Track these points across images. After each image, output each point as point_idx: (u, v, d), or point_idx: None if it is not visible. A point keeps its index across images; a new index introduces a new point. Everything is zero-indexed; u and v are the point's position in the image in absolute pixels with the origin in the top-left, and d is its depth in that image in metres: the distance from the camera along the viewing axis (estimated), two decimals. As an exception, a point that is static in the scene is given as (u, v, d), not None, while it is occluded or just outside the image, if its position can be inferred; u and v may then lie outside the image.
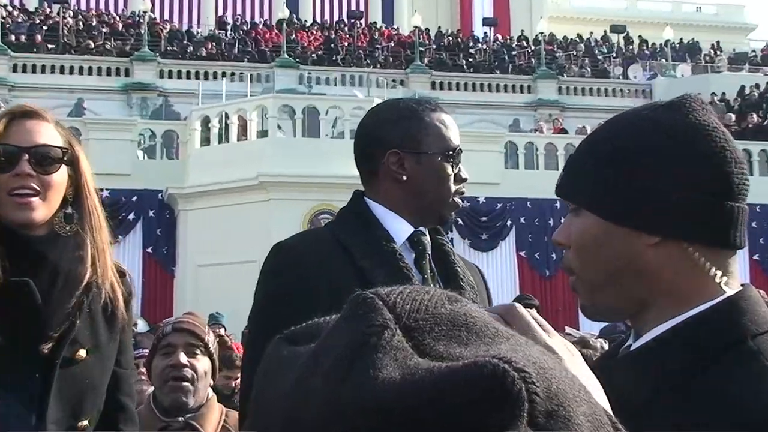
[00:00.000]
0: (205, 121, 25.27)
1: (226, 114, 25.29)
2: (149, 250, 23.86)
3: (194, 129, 25.15)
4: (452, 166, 2.93)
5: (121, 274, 2.96)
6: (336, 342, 0.82)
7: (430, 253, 2.96)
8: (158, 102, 34.80)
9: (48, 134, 2.85)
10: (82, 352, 2.79)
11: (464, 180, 2.98)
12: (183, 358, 3.94)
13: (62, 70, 35.22)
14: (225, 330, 16.35)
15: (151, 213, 24.14)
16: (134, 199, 23.79)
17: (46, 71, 35.13)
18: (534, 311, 1.12)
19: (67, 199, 2.87)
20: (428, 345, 0.80)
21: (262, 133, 25.32)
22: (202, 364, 4.00)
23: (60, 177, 2.84)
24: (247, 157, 23.28)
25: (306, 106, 25.47)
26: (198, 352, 4.00)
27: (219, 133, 25.23)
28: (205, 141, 25.06)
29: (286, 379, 0.85)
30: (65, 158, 2.86)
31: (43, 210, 2.79)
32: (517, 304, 1.10)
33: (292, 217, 22.04)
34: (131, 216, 23.65)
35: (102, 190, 2.69)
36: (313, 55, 38.64)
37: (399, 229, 2.90)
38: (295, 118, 25.31)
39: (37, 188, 2.78)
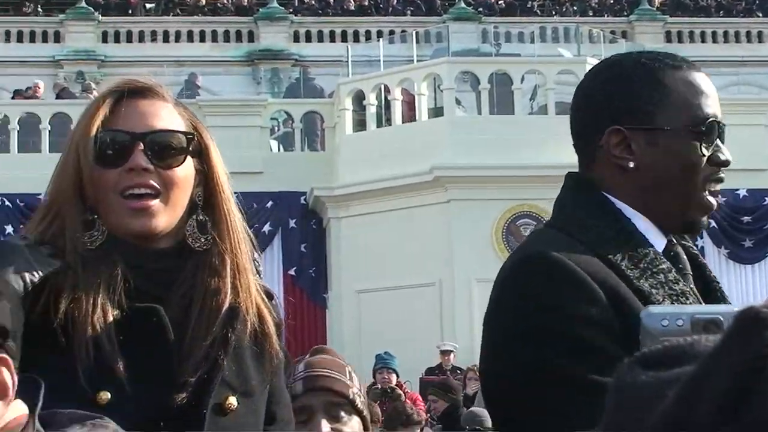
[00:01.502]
0: (358, 98, 25.91)
1: (386, 87, 25.81)
2: (291, 272, 24.64)
3: (344, 109, 25.77)
4: (704, 146, 2.80)
5: (268, 296, 2.99)
6: (722, 366, 0.87)
7: (690, 272, 2.89)
8: (294, 74, 35.44)
9: (167, 117, 2.88)
10: (233, 400, 2.79)
11: (724, 164, 2.83)
12: (325, 427, 3.86)
13: (166, 38, 36.87)
14: (397, 376, 16.95)
15: (291, 223, 25.02)
16: (269, 204, 24.65)
17: (144, 39, 36.87)
18: None
19: (196, 202, 2.90)
20: None
21: (436, 112, 25.65)
22: (351, 427, 3.95)
23: (185, 172, 2.86)
24: (416, 145, 23.64)
25: (494, 73, 25.70)
26: (343, 413, 3.92)
27: (377, 114, 25.83)
28: (359, 125, 25.75)
29: (655, 411, 0.92)
30: (191, 147, 2.87)
31: (165, 216, 2.82)
32: None
33: (480, 224, 22.63)
34: (266, 228, 24.45)
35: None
36: (500, 2, 38.97)
37: (651, 237, 2.84)
38: (480, 90, 25.66)
39: (157, 186, 2.81)
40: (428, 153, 23.25)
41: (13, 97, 29.09)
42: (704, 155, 2.79)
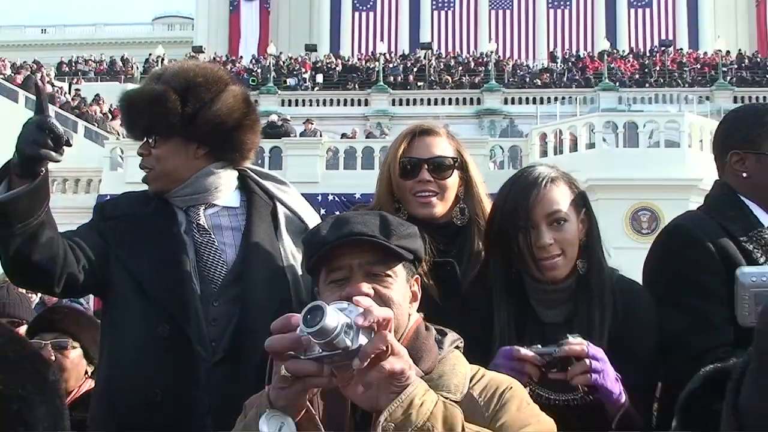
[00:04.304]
0: (543, 138, 26.06)
1: (560, 131, 25.88)
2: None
3: (534, 144, 25.89)
4: None
5: None
6: None
7: None
8: (504, 123, 35.74)
9: (443, 147, 2.90)
10: None
11: None
12: None
13: (428, 102, 37.30)
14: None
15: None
16: (483, 204, 24.29)
17: (417, 103, 37.26)
18: None
19: (458, 196, 2.92)
20: None
21: (590, 146, 25.54)
22: None
23: (453, 180, 2.90)
24: (577, 166, 21.21)
25: (626, 122, 25.47)
26: None
27: (554, 147, 25.81)
28: (543, 153, 25.54)
29: None
30: (456, 164, 2.90)
31: (440, 207, 2.88)
32: None
33: (616, 214, 22.25)
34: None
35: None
36: (630, 79, 38.66)
37: (761, 217, 2.71)
38: (617, 132, 25.41)
39: (435, 190, 2.86)
40: (585, 170, 21.51)
41: (341, 137, 29.58)
42: None
